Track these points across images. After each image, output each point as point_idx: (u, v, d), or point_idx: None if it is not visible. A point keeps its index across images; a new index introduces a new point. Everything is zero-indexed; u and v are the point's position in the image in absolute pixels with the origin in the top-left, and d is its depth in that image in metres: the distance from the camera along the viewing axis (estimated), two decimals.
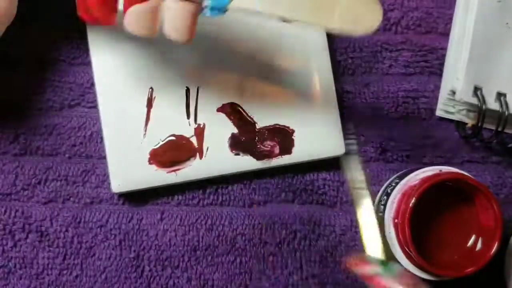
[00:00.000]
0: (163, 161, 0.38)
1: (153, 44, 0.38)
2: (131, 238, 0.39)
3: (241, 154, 0.38)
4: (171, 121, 0.38)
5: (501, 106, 0.39)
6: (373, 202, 0.40)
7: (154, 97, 0.38)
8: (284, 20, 0.30)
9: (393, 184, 0.38)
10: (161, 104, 0.38)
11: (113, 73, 0.38)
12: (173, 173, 0.38)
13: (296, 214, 0.40)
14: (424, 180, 0.35)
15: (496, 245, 0.35)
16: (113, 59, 0.38)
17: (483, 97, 0.38)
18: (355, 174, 0.32)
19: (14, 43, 0.38)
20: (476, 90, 0.39)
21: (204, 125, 0.38)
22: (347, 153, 0.36)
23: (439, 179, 0.34)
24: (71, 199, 0.39)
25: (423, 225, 0.36)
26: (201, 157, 0.38)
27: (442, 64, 0.41)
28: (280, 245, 0.40)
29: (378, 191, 0.40)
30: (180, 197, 0.40)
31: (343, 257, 0.34)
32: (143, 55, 0.38)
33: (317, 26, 0.30)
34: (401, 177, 0.38)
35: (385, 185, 0.40)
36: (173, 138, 0.38)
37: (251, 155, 0.38)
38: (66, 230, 0.39)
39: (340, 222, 0.40)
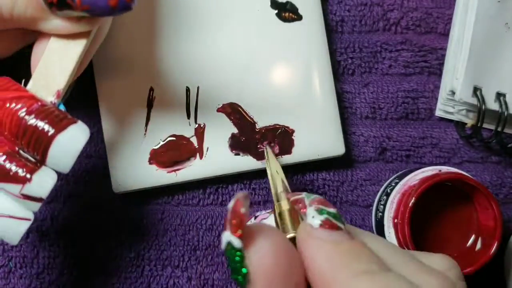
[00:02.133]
0: (163, 161, 0.38)
1: (154, 44, 0.38)
2: (131, 238, 0.40)
3: (241, 154, 0.39)
4: (171, 121, 0.38)
5: (501, 106, 0.39)
6: (373, 202, 0.41)
7: (154, 97, 0.38)
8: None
9: (393, 184, 0.38)
10: (161, 104, 0.38)
11: (113, 74, 0.38)
12: (173, 173, 0.38)
13: None
14: (424, 180, 0.35)
15: (495, 245, 0.35)
16: (114, 59, 0.38)
17: (482, 97, 0.38)
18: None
19: None
20: (476, 90, 0.39)
21: (204, 125, 0.38)
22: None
23: (439, 179, 0.35)
24: (72, 199, 0.40)
25: (423, 225, 0.36)
26: (201, 157, 0.38)
27: (441, 64, 0.42)
28: None
29: (378, 191, 0.40)
30: (180, 197, 0.40)
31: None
32: (143, 55, 0.38)
33: None
34: (400, 177, 0.38)
35: (384, 185, 0.40)
36: (173, 138, 0.38)
37: (251, 155, 0.38)
38: (67, 230, 0.39)
39: None
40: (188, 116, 0.38)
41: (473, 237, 0.37)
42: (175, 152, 0.38)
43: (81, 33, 0.28)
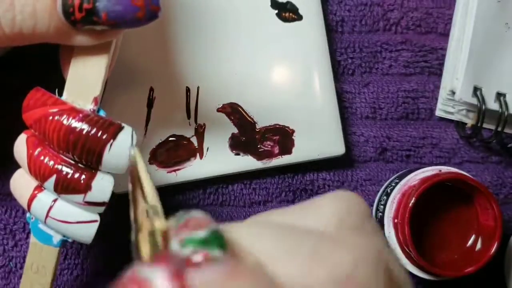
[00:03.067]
0: (163, 161, 0.38)
1: (154, 44, 0.38)
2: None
3: (241, 154, 0.39)
4: (171, 121, 0.38)
5: (501, 106, 0.39)
6: (373, 202, 0.41)
7: (155, 97, 0.38)
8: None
9: (393, 184, 0.38)
10: (161, 104, 0.38)
11: (113, 74, 0.38)
12: (173, 173, 0.38)
13: None
14: (424, 180, 0.35)
15: (495, 245, 0.35)
16: None
17: (482, 97, 0.38)
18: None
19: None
20: (476, 90, 0.39)
21: (204, 125, 0.38)
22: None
23: (439, 179, 0.35)
24: None
25: (423, 225, 0.36)
26: (201, 157, 0.38)
27: (442, 64, 0.42)
28: None
29: (378, 191, 0.40)
30: (180, 197, 0.40)
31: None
32: (143, 55, 0.38)
33: None
34: (400, 177, 0.38)
35: (384, 185, 0.40)
36: (173, 138, 0.38)
37: (251, 155, 0.38)
38: None
39: None
40: (188, 116, 0.38)
41: (473, 237, 0.37)
42: (175, 152, 0.38)
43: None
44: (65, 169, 0.27)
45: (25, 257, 0.39)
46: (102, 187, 0.28)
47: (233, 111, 0.39)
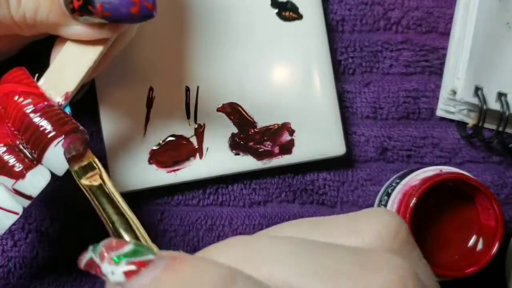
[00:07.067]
0: (163, 161, 0.38)
1: (154, 43, 0.38)
2: None
3: (241, 154, 0.38)
4: (171, 121, 0.38)
5: (502, 106, 0.39)
6: (374, 202, 0.40)
7: (154, 97, 0.38)
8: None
9: (394, 184, 0.38)
10: (161, 104, 0.38)
11: (113, 73, 0.38)
12: (173, 173, 0.38)
13: (297, 214, 0.40)
14: (425, 180, 0.35)
15: (496, 245, 0.35)
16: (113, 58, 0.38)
17: (483, 97, 0.38)
18: None
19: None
20: (477, 90, 0.38)
21: (204, 125, 0.38)
22: None
23: (440, 179, 0.34)
24: (71, 198, 0.39)
25: (424, 225, 0.36)
26: (201, 157, 0.38)
27: (442, 64, 0.41)
28: None
29: (379, 191, 0.40)
30: (180, 197, 0.40)
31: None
32: (143, 54, 0.38)
33: None
34: (401, 177, 0.38)
35: (385, 185, 0.40)
36: (173, 138, 0.38)
37: (251, 155, 0.38)
38: (67, 230, 0.39)
39: None
40: (188, 116, 0.38)
41: (474, 237, 0.36)
42: (175, 152, 0.38)
43: (99, 39, 0.28)
44: (8, 150, 0.27)
45: (25, 257, 0.39)
46: (36, 181, 0.28)
47: (233, 111, 0.39)
